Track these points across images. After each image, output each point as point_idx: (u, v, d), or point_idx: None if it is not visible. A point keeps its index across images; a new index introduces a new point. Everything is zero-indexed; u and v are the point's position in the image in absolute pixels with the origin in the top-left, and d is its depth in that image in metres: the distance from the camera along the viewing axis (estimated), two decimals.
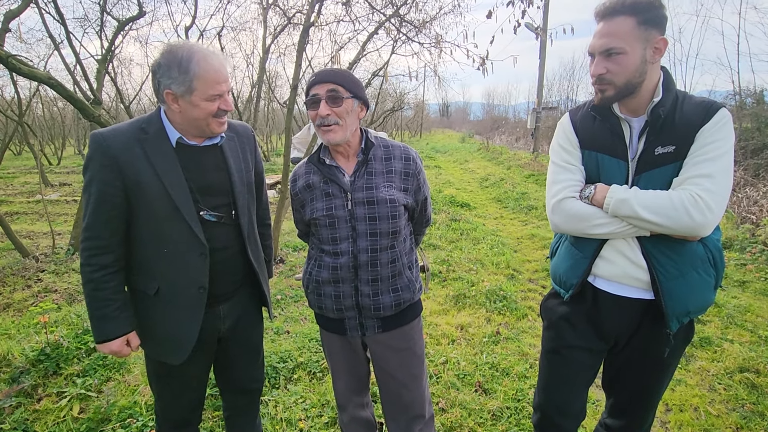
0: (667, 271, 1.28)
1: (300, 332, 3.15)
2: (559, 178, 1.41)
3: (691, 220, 1.18)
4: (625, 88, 1.26)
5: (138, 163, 1.26)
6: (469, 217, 7.02)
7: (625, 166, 1.32)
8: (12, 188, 11.32)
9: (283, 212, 4.68)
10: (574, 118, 1.46)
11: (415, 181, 1.47)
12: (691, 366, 2.80)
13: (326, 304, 1.48)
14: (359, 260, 1.40)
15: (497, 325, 3.40)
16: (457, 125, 55.16)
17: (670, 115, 1.26)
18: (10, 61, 2.19)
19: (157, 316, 1.38)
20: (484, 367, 2.76)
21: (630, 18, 1.22)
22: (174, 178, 1.28)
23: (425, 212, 1.61)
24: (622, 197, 1.25)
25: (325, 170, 1.43)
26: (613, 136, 1.34)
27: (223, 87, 1.28)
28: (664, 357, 1.37)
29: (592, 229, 1.33)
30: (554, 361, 1.54)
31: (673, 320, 1.30)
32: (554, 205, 1.40)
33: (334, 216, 1.40)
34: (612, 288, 1.39)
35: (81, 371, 2.58)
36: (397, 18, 5.84)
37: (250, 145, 1.53)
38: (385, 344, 1.52)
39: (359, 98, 1.39)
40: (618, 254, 1.35)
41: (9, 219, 7.84)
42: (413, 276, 1.52)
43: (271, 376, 2.58)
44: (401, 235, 1.46)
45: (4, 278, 4.32)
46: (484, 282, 4.24)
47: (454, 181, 11.42)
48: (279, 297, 3.85)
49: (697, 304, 1.31)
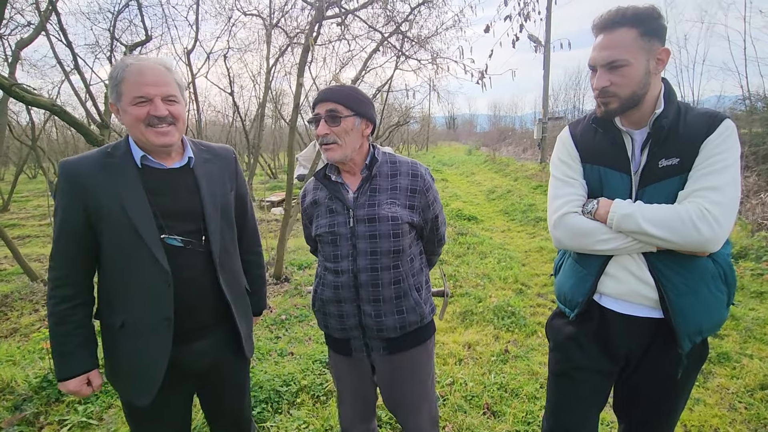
0: (677, 288, 1.23)
1: (304, 354, 3.09)
2: (561, 193, 1.37)
3: (699, 234, 1.13)
4: (629, 100, 1.23)
5: (100, 187, 1.21)
6: (476, 230, 6.95)
7: (629, 179, 1.28)
8: (25, 212, 11.53)
9: (288, 231, 4.67)
10: (574, 131, 1.43)
11: (423, 199, 1.42)
12: (710, 384, 2.69)
13: (331, 323, 1.46)
14: (359, 279, 1.37)
15: (506, 342, 3.32)
16: (463, 138, 55.26)
17: (674, 126, 1.23)
18: (14, 90, 2.23)
19: (123, 351, 1.28)
20: (492, 388, 2.67)
21: (632, 29, 1.20)
22: (134, 201, 1.21)
23: (437, 231, 1.55)
24: (626, 212, 1.21)
25: (331, 186, 1.43)
26: (615, 149, 1.31)
27: (149, 90, 1.18)
28: (678, 378, 1.30)
29: (597, 245, 1.29)
30: (563, 384, 1.47)
31: (685, 340, 1.24)
32: (556, 221, 1.36)
33: (336, 233, 1.39)
34: (619, 306, 1.33)
35: (83, 398, 2.55)
36: (398, 35, 5.91)
37: (230, 168, 1.45)
38: (391, 367, 1.48)
39: (362, 116, 1.37)
40: (624, 271, 1.30)
41: (21, 242, 7.96)
42: (422, 298, 1.46)
43: (274, 400, 2.53)
44: (405, 254, 1.41)
45: (12, 303, 4.35)
46: (491, 298, 4.16)
47: (461, 194, 11.37)
48: (284, 317, 3.81)
49: (709, 322, 1.25)
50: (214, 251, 1.32)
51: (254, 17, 5.87)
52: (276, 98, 14.49)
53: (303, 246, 6.15)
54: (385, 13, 5.66)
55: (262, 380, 2.63)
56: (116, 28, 6.87)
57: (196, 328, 1.34)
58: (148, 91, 1.18)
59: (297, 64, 7.32)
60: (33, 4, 4.85)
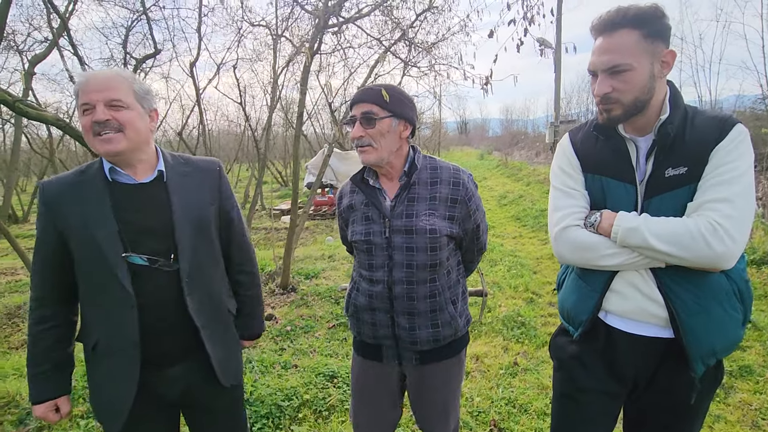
0: (688, 307, 1.14)
1: (308, 366, 3.04)
2: (561, 205, 1.30)
3: (710, 250, 1.05)
4: (633, 106, 1.15)
5: (69, 206, 1.20)
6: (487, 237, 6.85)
7: (633, 190, 1.20)
8: None
9: (295, 240, 4.66)
10: (575, 139, 1.35)
11: (464, 209, 1.35)
12: (731, 399, 2.55)
13: (364, 330, 1.44)
14: (394, 291, 1.33)
15: (515, 354, 3.22)
16: (475, 142, 55.01)
17: (680, 132, 1.15)
18: (17, 106, 2.27)
19: (95, 375, 1.27)
20: (500, 403, 2.58)
21: (634, 31, 1.12)
22: (99, 218, 1.18)
23: (477, 240, 1.47)
24: (632, 225, 1.13)
25: (368, 192, 1.38)
26: (618, 158, 1.23)
27: (92, 96, 1.14)
28: (691, 403, 1.21)
29: (601, 261, 1.20)
30: (567, 407, 1.39)
31: (698, 362, 1.15)
32: (558, 234, 1.28)
33: (372, 242, 1.35)
34: (626, 325, 1.24)
35: (85, 412, 2.54)
36: (405, 41, 5.89)
37: (211, 181, 1.36)
38: (422, 375, 1.44)
39: (399, 116, 1.31)
40: (631, 288, 1.21)
41: None
42: (458, 311, 1.40)
43: (275, 415, 2.48)
44: (443, 267, 1.36)
45: (24, 314, 4.41)
46: (501, 307, 4.06)
47: None
48: (289, 328, 3.78)
49: (723, 343, 1.16)
50: (182, 270, 1.25)
51: (262, 28, 5.93)
52: (286, 107, 14.62)
53: (311, 255, 6.13)
54: (392, 20, 5.65)
55: (263, 395, 2.59)
56: (129, 42, 7.04)
57: (166, 353, 1.27)
58: (90, 98, 1.15)
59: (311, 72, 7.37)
60: (48, 21, 4.98)
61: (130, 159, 1.22)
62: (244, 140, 14.52)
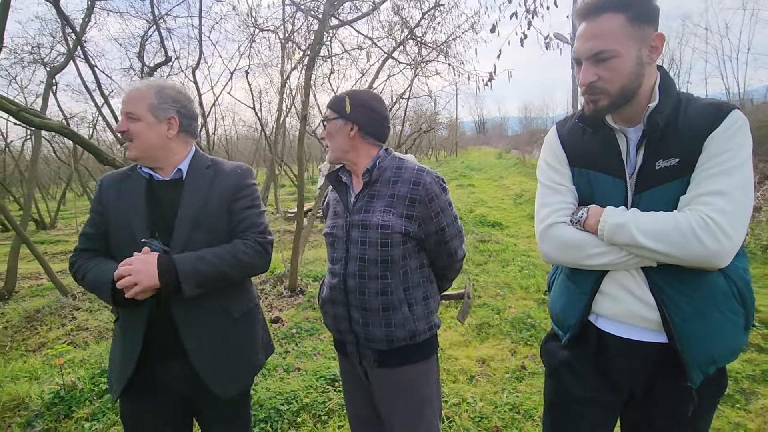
0: (682, 311, 1.05)
1: (311, 369, 3.02)
2: (547, 201, 1.23)
3: (703, 248, 0.97)
4: (620, 96, 1.08)
5: (113, 196, 1.40)
6: (500, 237, 6.72)
7: (623, 184, 1.13)
8: (70, 228, 12.22)
9: (303, 242, 4.66)
10: (561, 131, 1.28)
11: (424, 209, 1.34)
12: (752, 405, 2.39)
13: (328, 322, 1.49)
14: (348, 285, 1.37)
15: (523, 358, 3.12)
16: (494, 141, 54.34)
17: (672, 121, 1.07)
18: (22, 115, 2.33)
19: (114, 343, 1.42)
20: (504, 409, 2.50)
21: (618, 15, 1.05)
22: (136, 207, 1.35)
23: (445, 245, 1.42)
24: (618, 221, 1.05)
25: (339, 188, 1.47)
26: (606, 150, 1.16)
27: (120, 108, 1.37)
28: (689, 416, 1.10)
29: (588, 260, 1.13)
30: (558, 418, 1.30)
31: (695, 371, 1.06)
32: (542, 232, 1.21)
33: (335, 236, 1.42)
34: (617, 329, 1.16)
35: (91, 414, 2.58)
36: (414, 40, 5.84)
37: (230, 183, 1.41)
38: (381, 382, 1.42)
39: (345, 119, 1.39)
40: (621, 289, 1.13)
41: (63, 257, 8.41)
42: (414, 315, 1.37)
43: (274, 419, 2.46)
44: (396, 265, 1.34)
45: (42, 317, 4.55)
46: (511, 309, 3.95)
47: (487, 199, 11.10)
48: (294, 331, 3.77)
49: (722, 349, 1.07)
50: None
51: (270, 33, 5.98)
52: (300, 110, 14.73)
53: (321, 257, 6.12)
54: (400, 19, 5.62)
55: (263, 398, 2.58)
56: (146, 51, 7.22)
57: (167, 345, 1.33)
58: (120, 110, 1.37)
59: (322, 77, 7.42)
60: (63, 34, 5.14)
61: (149, 162, 1.38)
62: (260, 144, 14.73)
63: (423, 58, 6.28)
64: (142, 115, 1.33)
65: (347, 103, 1.39)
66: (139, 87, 1.37)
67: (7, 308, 5.04)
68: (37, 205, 13.09)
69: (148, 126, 1.34)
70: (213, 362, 1.36)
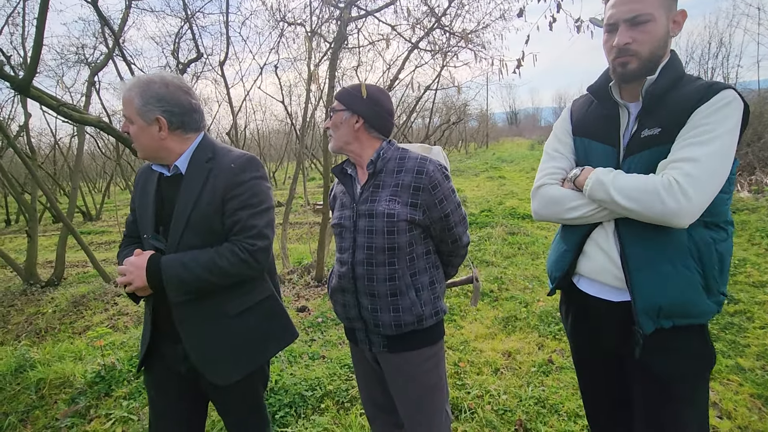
0: (635, 261, 1.15)
1: (336, 357, 3.07)
2: (543, 167, 1.37)
3: (662, 206, 1.05)
4: (649, 61, 1.15)
5: (138, 192, 1.47)
6: (530, 229, 6.55)
7: (614, 152, 1.23)
8: (114, 219, 12.89)
9: (328, 234, 4.71)
10: (574, 105, 1.41)
11: (428, 196, 1.36)
12: None
13: (338, 310, 1.53)
14: (356, 272, 1.41)
15: (550, 352, 3.04)
16: (527, 132, 52.90)
17: (664, 96, 1.16)
18: (61, 109, 2.47)
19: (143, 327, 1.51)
20: (528, 402, 2.45)
21: None
22: (146, 202, 1.41)
23: (449, 232, 1.45)
24: (600, 178, 1.16)
25: (344, 180, 1.50)
26: (606, 121, 1.26)
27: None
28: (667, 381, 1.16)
29: (565, 213, 1.26)
30: (578, 374, 1.50)
31: (644, 317, 1.13)
32: (533, 191, 1.36)
33: (342, 226, 1.45)
34: (593, 289, 1.28)
35: (128, 393, 2.73)
36: (442, 29, 5.73)
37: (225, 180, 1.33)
38: (391, 365, 1.46)
39: (352, 111, 1.42)
40: (596, 247, 1.24)
41: (107, 247, 8.90)
42: (421, 300, 1.40)
43: (298, 404, 2.52)
44: (403, 252, 1.38)
45: (87, 302, 4.84)
46: (539, 302, 3.86)
47: (518, 191, 10.83)
48: (320, 320, 3.83)
49: (669, 300, 1.12)
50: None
51: (298, 26, 6.02)
52: (329, 103, 14.84)
53: None
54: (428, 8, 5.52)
55: (288, 384, 2.64)
56: (180, 49, 7.46)
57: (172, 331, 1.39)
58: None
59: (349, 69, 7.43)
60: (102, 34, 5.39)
61: (155, 160, 1.41)
62: (291, 138, 14.97)
63: (450, 47, 6.16)
64: (133, 119, 1.31)
65: (363, 88, 1.42)
66: (128, 87, 1.31)
67: (57, 293, 5.39)
68: (84, 198, 13.88)
69: (140, 129, 1.32)
70: (209, 356, 1.37)
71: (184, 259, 1.30)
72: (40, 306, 5.00)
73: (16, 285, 5.89)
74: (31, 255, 5.91)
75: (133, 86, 1.31)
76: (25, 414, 2.66)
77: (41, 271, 6.23)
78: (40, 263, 6.47)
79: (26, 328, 4.39)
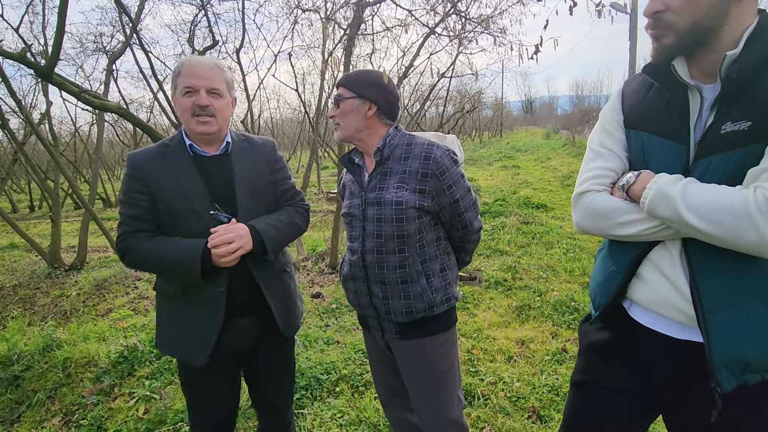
0: (717, 297, 0.90)
1: (350, 343, 3.12)
2: (587, 167, 1.11)
3: (757, 233, 0.81)
4: (690, 34, 0.89)
5: (159, 171, 1.38)
6: (544, 219, 6.49)
7: (683, 150, 0.95)
8: None
9: (340, 222, 4.74)
10: (627, 89, 1.11)
11: (436, 182, 1.34)
12: None
13: (350, 298, 1.54)
14: (366, 260, 1.41)
15: (564, 341, 3.04)
16: (542, 121, 51.95)
17: (754, 77, 0.86)
18: (83, 96, 2.52)
19: (182, 317, 1.45)
20: (542, 390, 2.46)
21: None
22: (190, 182, 1.38)
23: (459, 217, 1.43)
24: (665, 191, 0.90)
25: (352, 169, 1.49)
26: (669, 110, 0.97)
27: (195, 81, 1.33)
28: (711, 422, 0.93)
29: (614, 230, 1.01)
30: (578, 398, 1.22)
31: (722, 372, 0.90)
32: (574, 199, 1.11)
33: (352, 215, 1.45)
34: (649, 320, 1.03)
35: (150, 374, 2.83)
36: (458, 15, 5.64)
37: (267, 155, 1.55)
38: (403, 352, 1.48)
39: (363, 97, 1.37)
40: (656, 272, 0.99)
41: None
42: (432, 286, 1.40)
43: (314, 387, 2.58)
44: (412, 239, 1.37)
45: (109, 286, 4.98)
46: (553, 291, 3.84)
47: (533, 180, 10.71)
48: (335, 306, 3.88)
49: (761, 350, 0.89)
50: None
51: (312, 13, 5.99)
52: None
53: None
54: None
55: (304, 367, 2.70)
56: (195, 36, 7.49)
57: (241, 303, 1.45)
58: (194, 82, 1.33)
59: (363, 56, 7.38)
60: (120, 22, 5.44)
61: (213, 139, 1.43)
62: (305, 127, 14.99)
63: (466, 33, 6.06)
64: (223, 93, 1.39)
65: (384, 75, 1.39)
66: (217, 63, 1.40)
67: (80, 277, 5.56)
68: (104, 185, 14.17)
69: (227, 104, 1.43)
70: (284, 309, 1.55)
71: (270, 221, 1.46)
72: (64, 289, 5.17)
73: (41, 269, 6.08)
74: (55, 240, 6.09)
75: (222, 64, 1.41)
76: (53, 391, 2.77)
77: (64, 255, 6.42)
78: (63, 248, 6.67)
79: (52, 310, 4.55)
